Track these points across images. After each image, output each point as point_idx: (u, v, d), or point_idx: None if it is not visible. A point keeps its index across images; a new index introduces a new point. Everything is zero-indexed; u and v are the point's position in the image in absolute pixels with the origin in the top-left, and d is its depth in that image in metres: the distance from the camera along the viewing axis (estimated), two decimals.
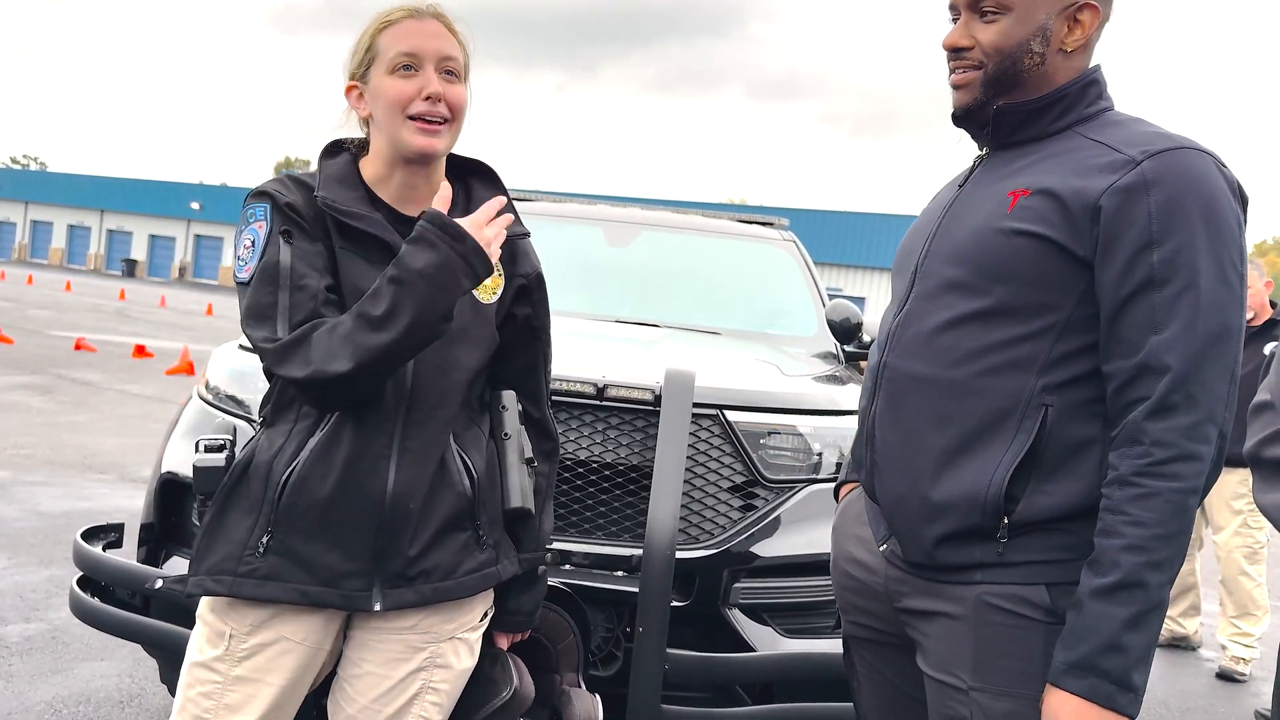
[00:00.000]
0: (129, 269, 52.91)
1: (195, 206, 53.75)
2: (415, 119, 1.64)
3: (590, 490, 2.47)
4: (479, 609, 1.77)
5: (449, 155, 1.78)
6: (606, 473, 2.48)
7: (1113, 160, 1.48)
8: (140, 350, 13.82)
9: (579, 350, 2.66)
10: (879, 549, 1.69)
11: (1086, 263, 1.47)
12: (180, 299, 33.42)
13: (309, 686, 1.71)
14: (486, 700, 1.82)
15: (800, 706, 2.39)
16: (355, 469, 1.61)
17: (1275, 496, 1.58)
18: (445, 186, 1.66)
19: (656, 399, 2.44)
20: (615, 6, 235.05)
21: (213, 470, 1.72)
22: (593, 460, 2.47)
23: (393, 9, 1.69)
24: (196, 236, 55.14)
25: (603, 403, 2.47)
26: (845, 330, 3.76)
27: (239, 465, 1.67)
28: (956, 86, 1.64)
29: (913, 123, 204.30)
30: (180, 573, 1.71)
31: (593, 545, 2.40)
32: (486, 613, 1.81)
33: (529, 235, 1.84)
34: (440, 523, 1.67)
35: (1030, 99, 1.59)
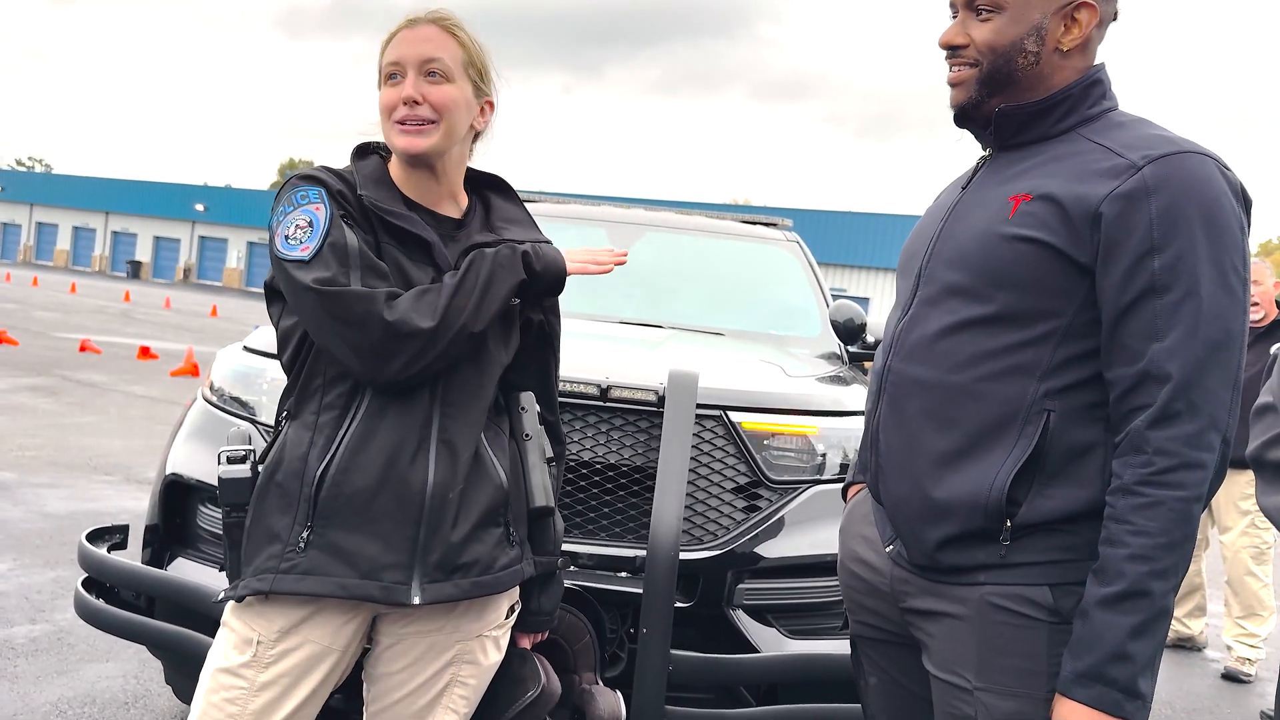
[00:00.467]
0: (134, 271, 53.03)
1: (200, 208, 53.83)
2: (398, 123, 1.70)
3: (594, 491, 2.47)
4: (504, 606, 1.80)
5: (467, 170, 1.85)
6: (610, 474, 2.48)
7: (1114, 165, 1.47)
8: (145, 352, 13.85)
9: (583, 351, 2.66)
10: (885, 550, 1.69)
11: (1088, 269, 1.47)
12: (185, 300, 33.49)
13: (330, 688, 1.72)
14: (516, 698, 1.86)
15: (804, 708, 2.39)
16: (396, 460, 1.63)
17: (1278, 499, 1.59)
18: (461, 194, 1.78)
19: (660, 400, 2.44)
20: (621, 9, 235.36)
21: (239, 482, 1.72)
22: (596, 461, 2.47)
23: (400, 22, 1.76)
24: (201, 238, 55.23)
25: (606, 404, 2.47)
26: (849, 331, 3.76)
27: (269, 466, 1.69)
28: (953, 84, 1.64)
29: (918, 123, 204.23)
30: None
31: (597, 546, 2.40)
32: (513, 608, 1.83)
33: (550, 243, 1.88)
34: (479, 516, 1.69)
35: (1032, 100, 1.59)
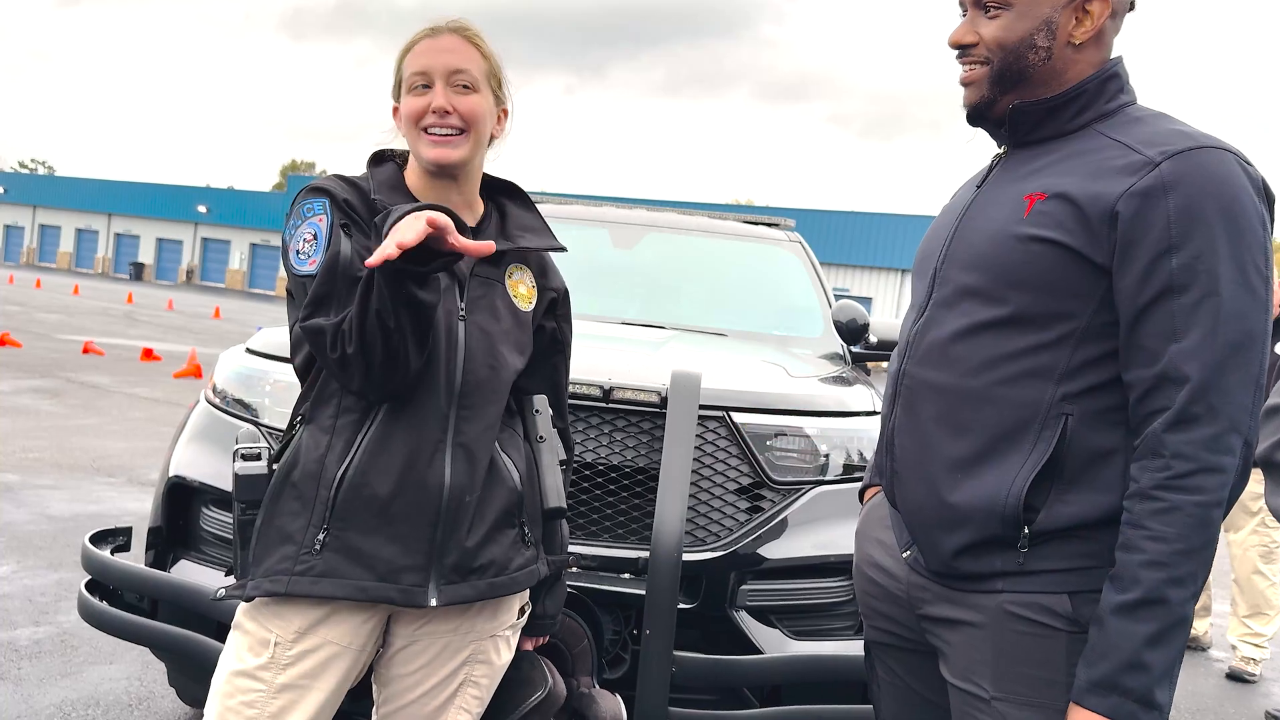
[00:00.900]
0: (136, 272, 53.09)
1: (202, 210, 53.89)
2: (427, 132, 1.70)
3: (597, 493, 2.47)
4: (516, 606, 1.82)
5: (483, 176, 1.86)
6: (613, 475, 2.47)
7: (1130, 162, 1.43)
8: (148, 353, 13.86)
9: (585, 353, 2.65)
10: (902, 555, 1.66)
11: (1105, 269, 1.43)
12: (188, 302, 33.51)
13: (344, 691, 1.72)
14: (524, 699, 1.88)
15: (808, 709, 2.38)
16: (414, 463, 1.64)
17: None
18: (478, 202, 1.80)
19: (663, 401, 2.44)
20: (624, 9, 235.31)
21: (256, 478, 1.73)
22: (599, 462, 2.47)
23: (417, 31, 1.76)
24: (204, 240, 55.29)
25: (609, 405, 2.47)
26: (852, 331, 3.75)
27: (284, 467, 1.69)
28: (965, 84, 1.61)
29: (922, 124, 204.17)
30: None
31: (600, 547, 2.40)
32: (524, 609, 1.85)
33: (565, 250, 1.89)
34: (494, 518, 1.70)
35: (1047, 96, 1.55)
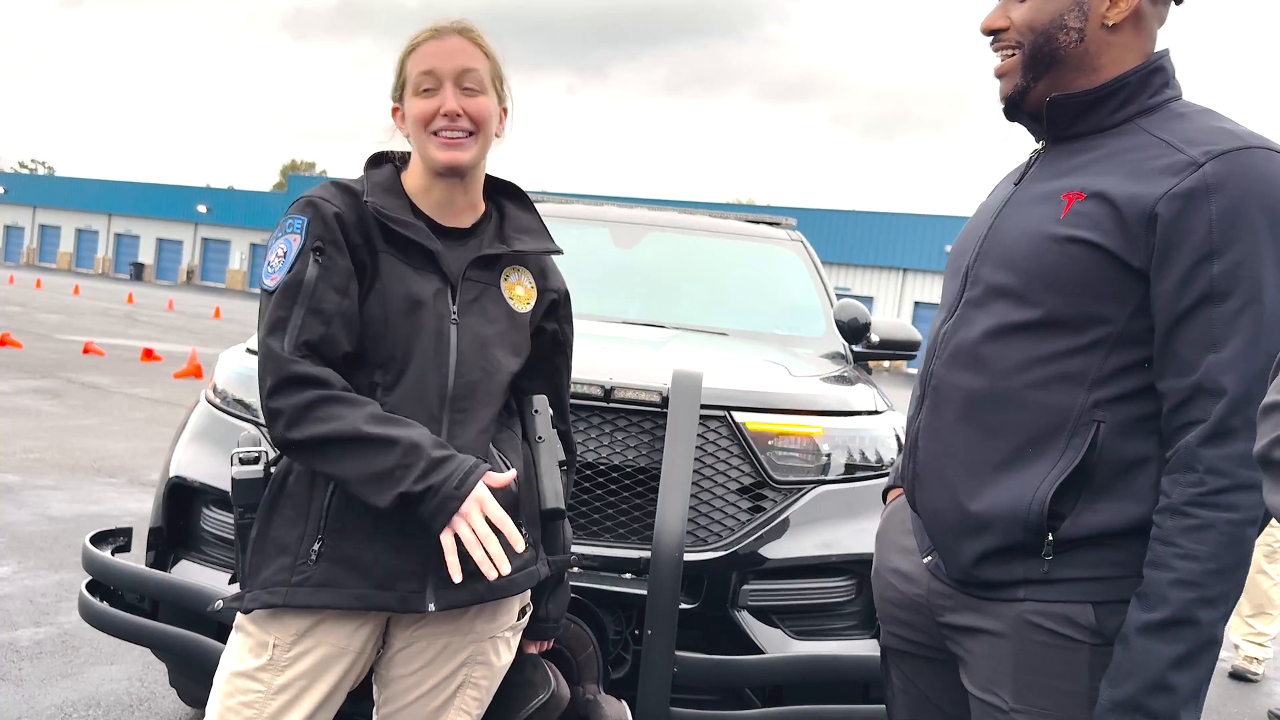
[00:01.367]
0: (137, 272, 53.10)
1: (202, 210, 53.90)
2: (437, 134, 1.69)
3: (598, 492, 2.46)
4: (516, 607, 1.81)
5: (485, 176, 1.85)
6: (614, 475, 2.47)
7: (1173, 162, 1.37)
8: (148, 354, 13.86)
9: (586, 352, 2.65)
10: (922, 561, 1.62)
11: (1142, 273, 1.37)
12: (188, 302, 33.52)
13: (345, 693, 1.73)
14: (527, 701, 1.87)
15: (810, 709, 2.38)
16: None
17: None
18: (480, 203, 1.80)
19: (664, 400, 2.44)
20: (627, 9, 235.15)
21: (252, 483, 1.72)
22: (600, 462, 2.47)
23: (419, 31, 1.75)
24: (204, 240, 55.32)
25: (610, 405, 2.46)
26: (853, 330, 3.75)
27: (279, 475, 1.69)
28: (999, 75, 1.56)
29: (924, 123, 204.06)
30: (231, 590, 1.73)
31: (601, 547, 2.40)
32: (525, 610, 1.84)
33: (561, 253, 1.88)
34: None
35: (1085, 88, 1.49)
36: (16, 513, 5.46)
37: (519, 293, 1.80)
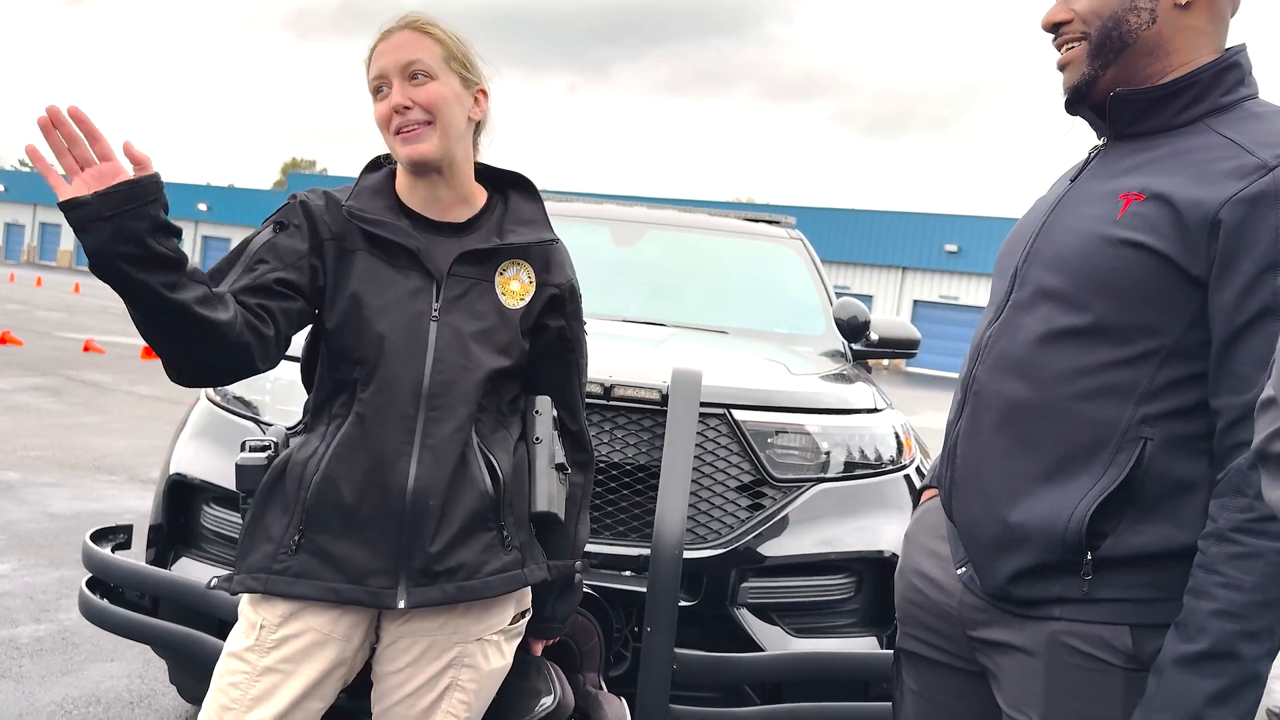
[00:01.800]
0: None
1: (203, 208, 53.90)
2: (399, 133, 1.70)
3: (598, 490, 2.46)
4: (509, 611, 1.79)
5: (486, 167, 1.85)
6: (614, 472, 2.47)
7: (1241, 165, 1.29)
8: (149, 352, 13.84)
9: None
10: (956, 572, 1.56)
11: (1201, 282, 1.30)
12: None
13: (340, 682, 1.74)
14: (529, 709, 1.86)
15: (809, 706, 2.38)
16: (377, 466, 1.66)
17: None
18: (481, 193, 1.80)
19: (664, 398, 2.44)
20: (630, 8, 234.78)
21: (254, 469, 1.75)
22: (600, 460, 2.46)
23: (376, 36, 1.75)
24: (204, 238, 55.28)
25: (610, 402, 2.46)
26: (853, 329, 3.75)
27: (277, 466, 1.72)
28: (1063, 67, 1.48)
29: (926, 122, 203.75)
30: (221, 573, 1.76)
31: (600, 545, 2.40)
32: (524, 614, 1.83)
33: (558, 241, 1.86)
34: (463, 520, 1.69)
35: (1154, 85, 1.41)
36: (17, 510, 5.47)
37: (513, 288, 1.78)
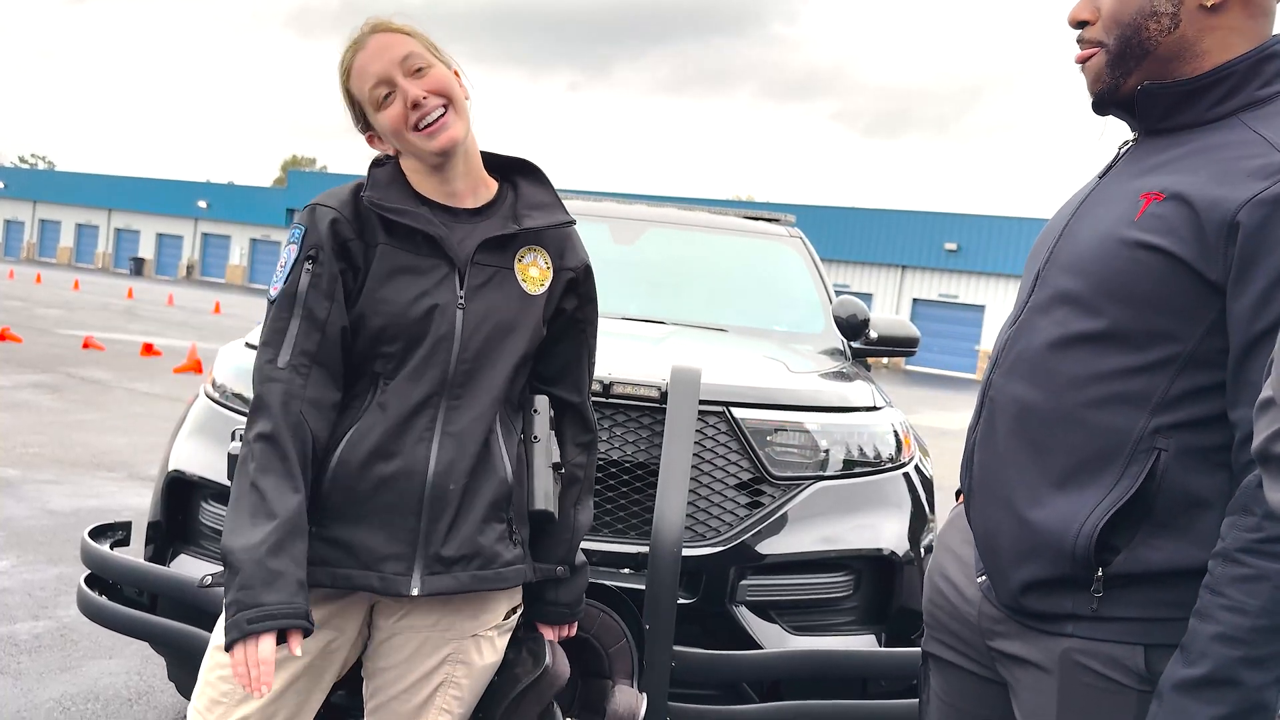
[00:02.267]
0: (137, 267, 53.07)
1: (202, 205, 53.87)
2: (418, 129, 1.69)
3: (597, 487, 2.46)
4: (502, 607, 1.80)
5: (495, 156, 1.86)
6: (613, 470, 2.47)
7: (1268, 163, 1.22)
8: (148, 349, 13.85)
9: None
10: (977, 580, 1.52)
11: (1219, 288, 1.23)
12: (188, 297, 33.50)
13: (332, 675, 1.74)
14: (520, 677, 1.84)
15: (808, 704, 2.38)
16: (400, 451, 1.65)
17: None
18: (491, 181, 1.81)
19: (663, 396, 2.44)
20: (632, 7, 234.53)
21: None
22: (599, 458, 2.46)
23: (343, 55, 1.75)
24: (204, 235, 55.25)
25: (609, 400, 2.46)
26: (852, 327, 3.75)
27: None
28: (1080, 66, 1.44)
29: (928, 121, 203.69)
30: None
31: (599, 542, 2.40)
32: (516, 609, 1.84)
33: (574, 223, 1.87)
34: (484, 508, 1.70)
35: (1182, 79, 1.34)
36: (16, 507, 5.47)
37: (533, 274, 1.79)
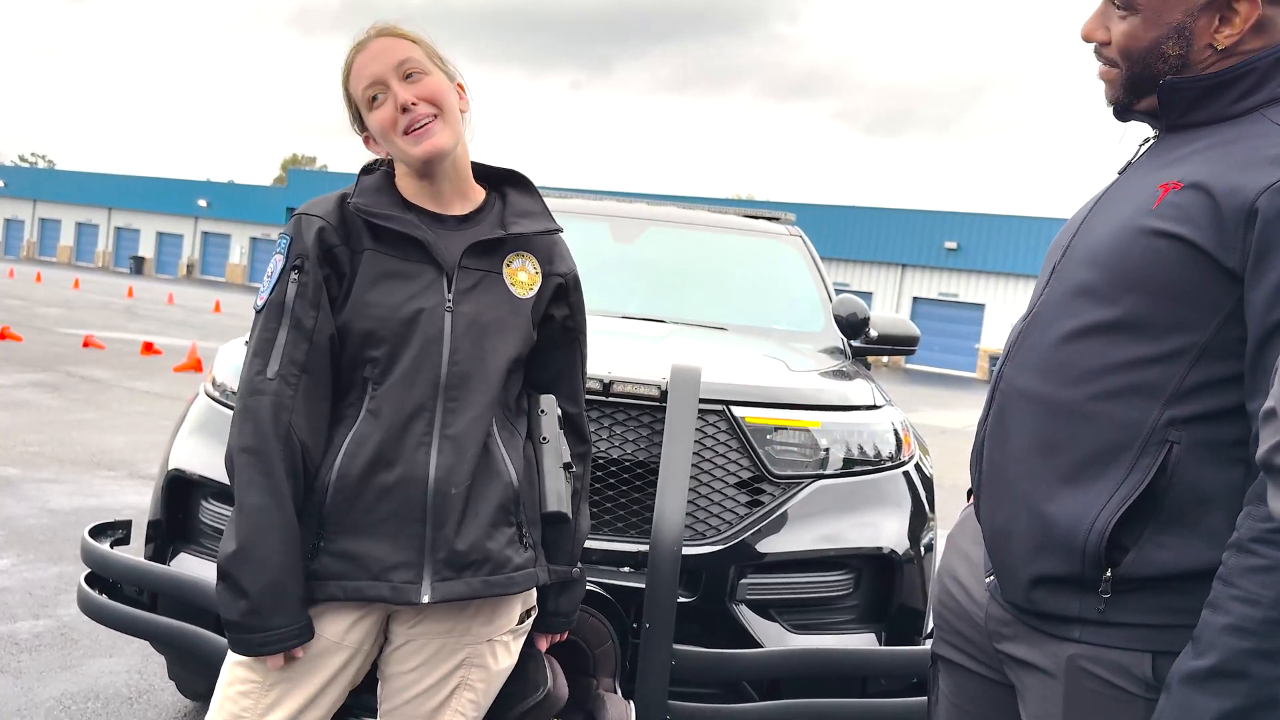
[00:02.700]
0: (137, 266, 53.06)
1: (203, 204, 53.86)
2: (406, 133, 1.70)
3: (597, 486, 2.46)
4: (516, 610, 1.80)
5: (484, 166, 1.87)
6: (613, 468, 2.47)
7: None
8: (149, 347, 13.85)
9: None
10: (985, 580, 1.51)
11: (1236, 276, 1.22)
12: (188, 296, 33.49)
13: (347, 686, 1.74)
14: (522, 698, 1.86)
15: (808, 703, 2.38)
16: (399, 458, 1.65)
17: None
18: (479, 190, 1.82)
19: (663, 395, 2.44)
20: (634, 6, 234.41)
21: None
22: (599, 456, 2.47)
23: (346, 56, 1.77)
24: (204, 234, 55.25)
25: (609, 398, 2.46)
26: (852, 325, 3.75)
27: None
28: (1101, 79, 1.46)
29: (929, 120, 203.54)
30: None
31: (599, 541, 2.40)
32: (530, 612, 1.84)
33: (561, 231, 1.88)
34: (490, 512, 1.69)
35: (1204, 75, 1.35)
36: (16, 505, 5.47)
37: (521, 279, 1.80)
